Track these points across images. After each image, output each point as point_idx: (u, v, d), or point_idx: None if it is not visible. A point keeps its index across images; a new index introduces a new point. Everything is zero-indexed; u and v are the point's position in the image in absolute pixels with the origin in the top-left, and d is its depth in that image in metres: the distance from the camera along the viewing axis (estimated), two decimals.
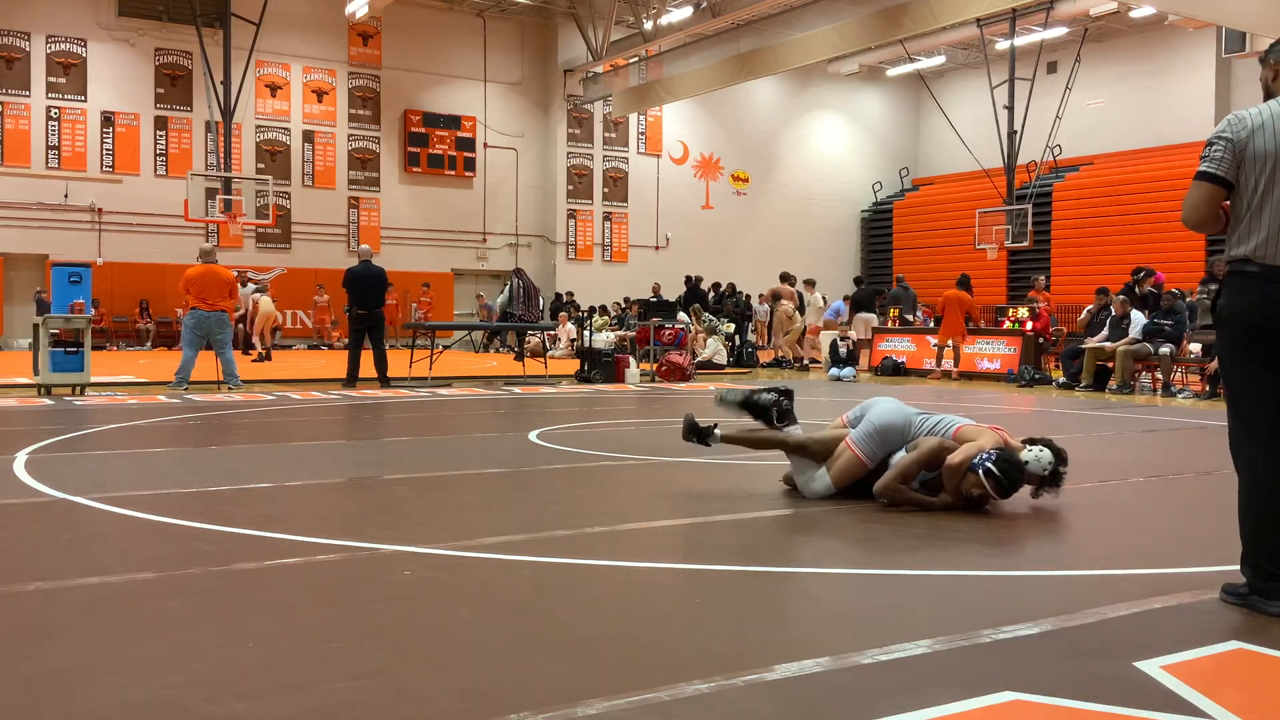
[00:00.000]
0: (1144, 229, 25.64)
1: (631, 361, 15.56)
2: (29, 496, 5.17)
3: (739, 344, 19.97)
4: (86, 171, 24.53)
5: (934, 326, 18.05)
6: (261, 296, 20.63)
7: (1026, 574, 3.85)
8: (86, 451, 6.89)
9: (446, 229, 28.90)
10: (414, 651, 2.85)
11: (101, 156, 24.75)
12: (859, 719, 2.40)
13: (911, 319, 19.76)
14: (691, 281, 23.65)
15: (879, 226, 34.48)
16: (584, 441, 7.77)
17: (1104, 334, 14.24)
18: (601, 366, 15.14)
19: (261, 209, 22.53)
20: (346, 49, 27.49)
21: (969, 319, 16.69)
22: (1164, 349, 13.37)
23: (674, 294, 24.53)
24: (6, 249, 23.88)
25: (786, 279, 19.80)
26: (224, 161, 22.25)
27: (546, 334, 20.86)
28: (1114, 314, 14.17)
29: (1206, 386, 12.96)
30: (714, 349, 18.51)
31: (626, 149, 31.05)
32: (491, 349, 25.65)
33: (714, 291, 24.64)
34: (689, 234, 31.77)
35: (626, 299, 26.43)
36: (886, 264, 32.95)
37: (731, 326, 20.18)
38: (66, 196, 24.29)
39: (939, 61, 31.15)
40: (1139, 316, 13.90)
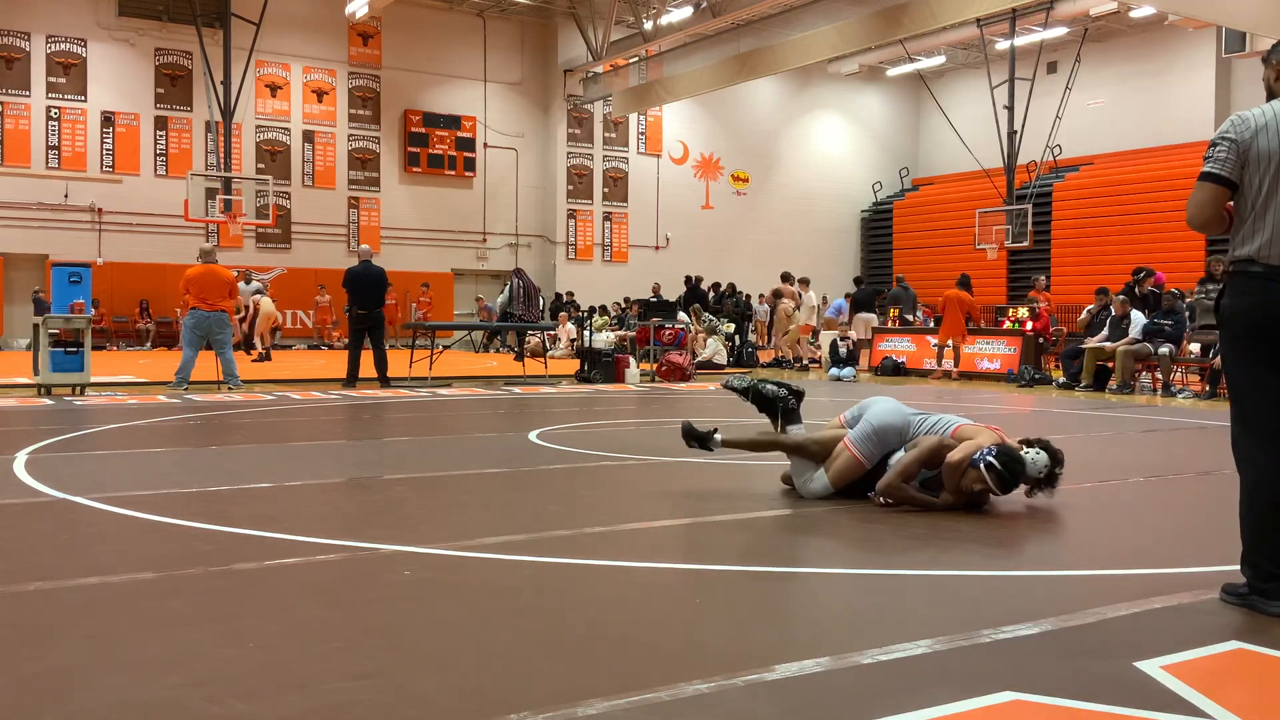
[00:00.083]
0: (1144, 229, 25.64)
1: (631, 361, 15.57)
2: (29, 496, 5.17)
3: (739, 344, 19.98)
4: (86, 171, 24.53)
5: (934, 326, 18.06)
6: (262, 297, 20.63)
7: (1026, 574, 3.85)
8: (86, 451, 6.89)
9: (446, 229, 28.90)
10: (414, 651, 2.85)
11: (101, 156, 24.75)
12: (859, 719, 2.40)
13: (911, 319, 19.77)
14: (691, 281, 23.66)
15: (879, 226, 34.48)
16: (584, 441, 7.77)
17: (1104, 334, 14.24)
18: (601, 366, 15.14)
19: (261, 209, 22.53)
20: (346, 49, 27.49)
21: (969, 319, 16.69)
22: (1164, 349, 13.37)
23: (674, 294, 24.53)
24: (6, 249, 23.88)
25: (787, 279, 19.81)
26: (224, 161, 22.24)
27: (546, 334, 20.86)
28: (1114, 314, 14.17)
29: (1206, 386, 12.96)
30: (714, 349, 18.52)
31: (626, 149, 31.04)
32: (491, 349, 25.65)
33: (714, 291, 24.64)
34: (689, 234, 31.77)
35: (626, 299, 26.42)
36: (886, 264, 32.94)
37: (731, 326, 20.19)
38: (66, 196, 24.29)
39: (939, 61, 31.15)
40: (1139, 316, 13.90)
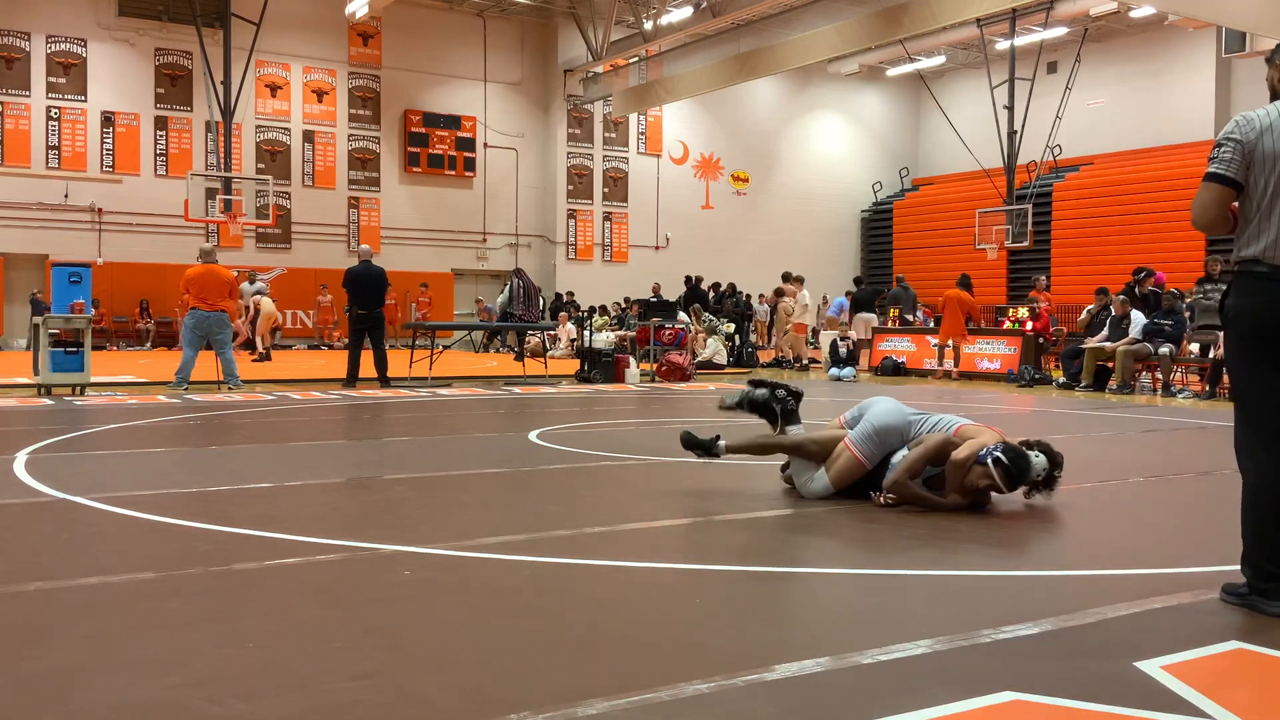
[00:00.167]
0: (1144, 229, 25.64)
1: (631, 361, 15.56)
2: (29, 496, 5.17)
3: (739, 344, 19.97)
4: (86, 171, 24.53)
5: (934, 326, 18.06)
6: (263, 297, 20.63)
7: (1026, 574, 3.85)
8: (86, 451, 6.89)
9: (446, 229, 28.90)
10: (414, 651, 2.85)
11: (101, 156, 24.75)
12: (859, 719, 2.40)
13: (911, 319, 19.76)
14: (691, 281, 23.65)
15: (879, 226, 34.47)
16: (584, 441, 7.76)
17: (1104, 334, 14.24)
18: (601, 366, 15.14)
19: (261, 209, 22.52)
20: (346, 49, 27.49)
21: (969, 319, 16.69)
22: (1164, 349, 13.37)
23: (674, 294, 24.52)
24: (6, 249, 23.88)
25: (788, 279, 19.80)
26: (224, 161, 22.24)
27: (546, 334, 20.86)
28: (1114, 314, 14.17)
29: (1206, 386, 12.96)
30: (714, 349, 18.51)
31: (626, 149, 31.04)
32: (491, 349, 25.65)
33: (714, 291, 24.64)
34: (689, 234, 31.77)
35: (626, 299, 26.42)
36: (886, 264, 32.94)
37: (731, 326, 20.18)
38: (66, 196, 24.29)
39: (939, 61, 31.14)
40: (1139, 316, 13.90)
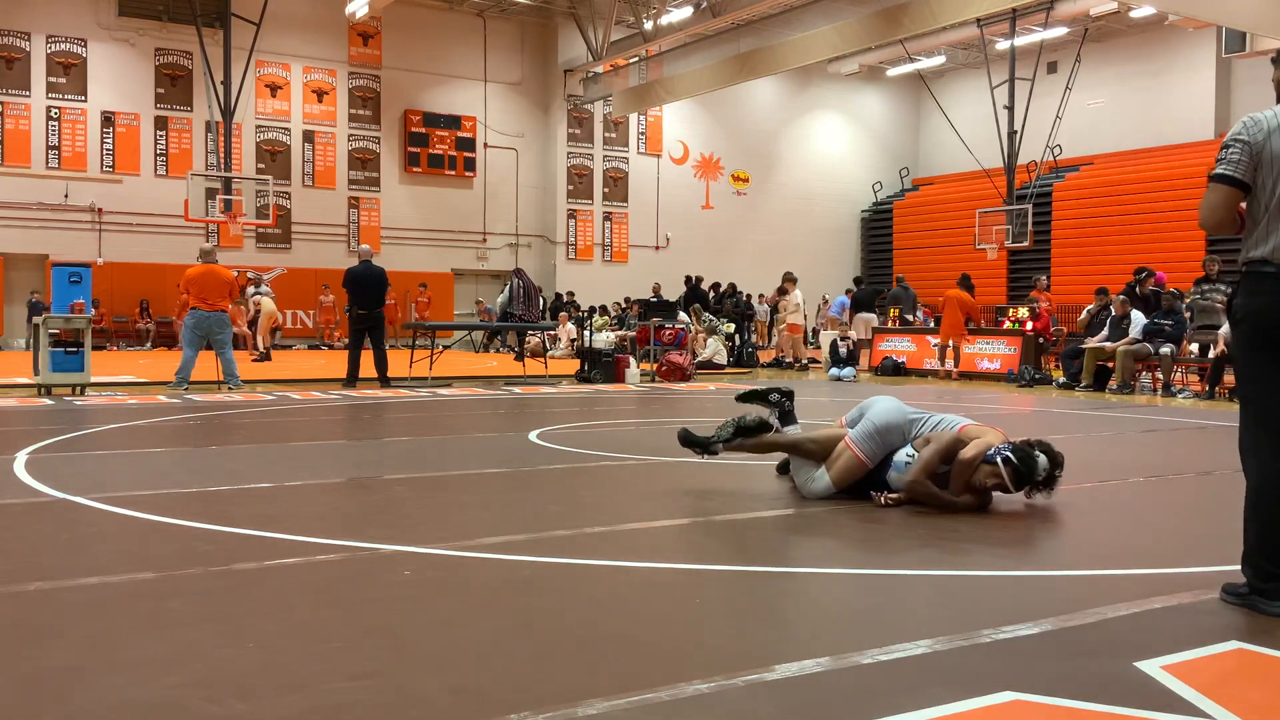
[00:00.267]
0: (1144, 229, 25.63)
1: (631, 361, 15.56)
2: (29, 496, 5.17)
3: (739, 344, 19.97)
4: (86, 171, 24.53)
5: (934, 326, 18.06)
6: (263, 297, 20.63)
7: (1026, 574, 3.85)
8: (86, 451, 6.89)
9: (446, 229, 28.90)
10: (414, 651, 2.85)
11: (101, 156, 24.75)
12: (859, 719, 2.40)
13: (911, 319, 19.76)
14: (692, 281, 23.64)
15: (879, 226, 34.47)
16: (584, 441, 7.76)
17: (1104, 334, 14.24)
18: (601, 366, 15.14)
19: (261, 209, 22.52)
20: (346, 49, 27.49)
21: (969, 320, 16.70)
22: (1164, 349, 13.37)
23: (674, 294, 24.51)
24: (6, 249, 23.88)
25: (790, 279, 19.79)
26: (224, 161, 22.24)
27: (546, 334, 20.86)
28: (1114, 314, 14.17)
29: (1206, 386, 12.96)
30: (714, 349, 18.51)
31: (626, 149, 31.04)
32: (491, 349, 25.65)
33: (714, 291, 24.63)
34: (689, 234, 31.76)
35: (627, 299, 26.42)
36: (886, 264, 32.93)
37: (731, 326, 20.17)
38: (66, 196, 24.29)
39: (939, 61, 31.14)
40: (1139, 316, 13.90)
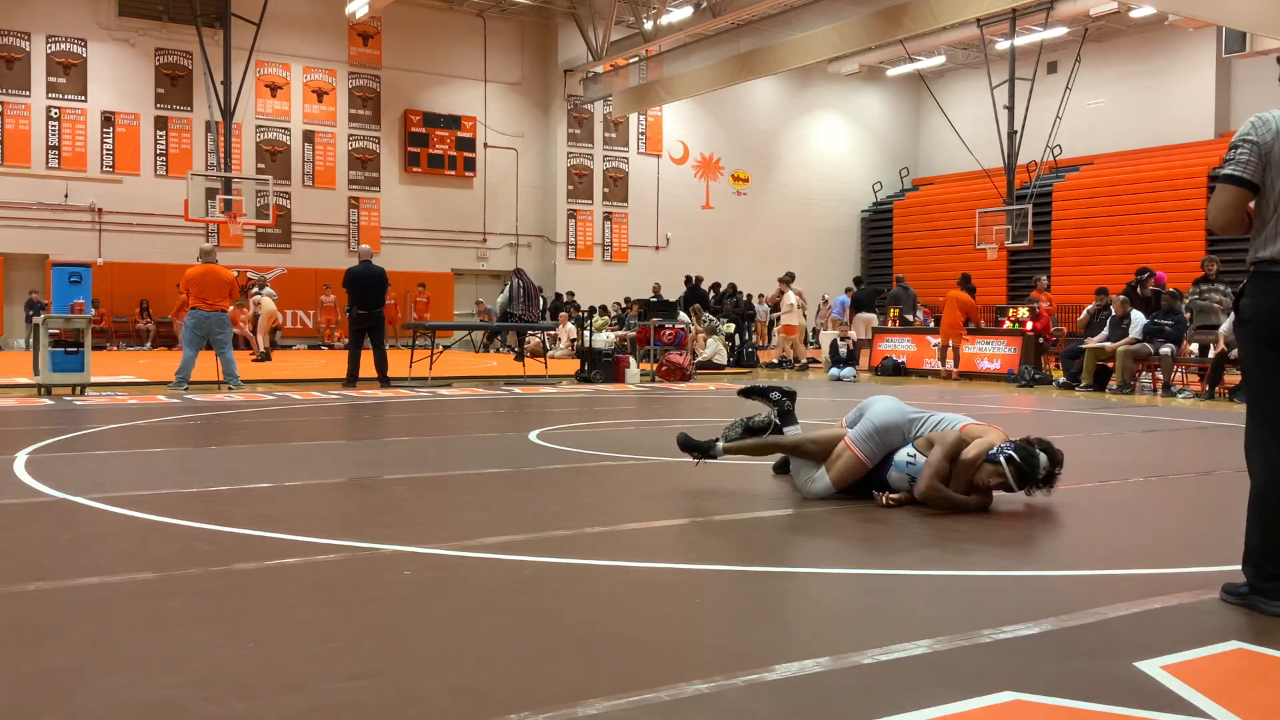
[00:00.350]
0: (1144, 229, 25.63)
1: (631, 361, 15.56)
2: (29, 496, 5.17)
3: (739, 344, 19.96)
4: (86, 171, 24.52)
5: (934, 326, 18.07)
6: (263, 296, 20.63)
7: (1026, 574, 3.85)
8: (86, 451, 6.89)
9: (446, 229, 28.89)
10: (414, 651, 2.85)
11: (101, 156, 24.75)
12: (859, 719, 2.40)
13: (911, 319, 19.76)
14: (692, 281, 23.65)
15: (879, 226, 34.47)
16: (584, 441, 7.76)
17: (1104, 334, 14.24)
18: (601, 366, 15.14)
19: (261, 209, 22.51)
20: (346, 49, 27.48)
21: (968, 320, 16.70)
22: (1164, 349, 13.37)
23: (674, 294, 24.51)
24: (6, 249, 23.88)
25: (783, 280, 19.82)
26: (224, 161, 22.23)
27: (546, 334, 20.86)
28: (1114, 314, 14.17)
29: (1206, 387, 12.96)
30: (714, 349, 18.51)
31: (626, 149, 31.03)
32: (491, 349, 25.64)
33: (714, 291, 24.64)
34: (689, 234, 31.76)
35: (627, 299, 26.41)
36: (886, 264, 32.93)
37: (731, 326, 20.17)
38: (66, 196, 24.29)
39: (939, 61, 31.13)
40: (1139, 316, 13.90)
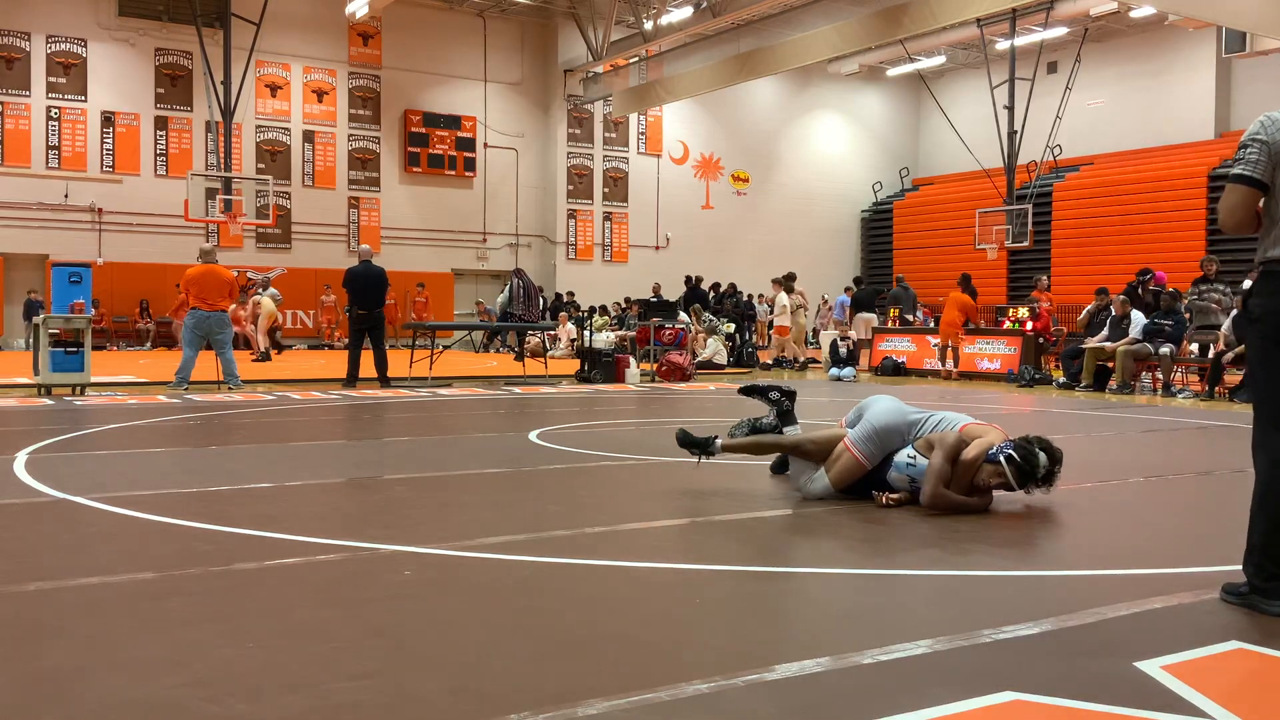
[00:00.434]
0: (1144, 229, 25.64)
1: (631, 361, 15.56)
2: (29, 496, 5.17)
3: (739, 344, 19.96)
4: (86, 171, 24.53)
5: (934, 326, 18.08)
6: (262, 296, 20.64)
7: (1026, 574, 3.85)
8: (86, 451, 6.89)
9: (446, 229, 28.89)
10: (414, 651, 2.85)
11: (101, 156, 24.75)
12: (859, 719, 2.40)
13: (911, 319, 19.76)
14: (692, 281, 23.64)
15: (879, 226, 34.47)
16: (584, 441, 7.76)
17: (1104, 334, 14.24)
18: (601, 366, 15.14)
19: (261, 209, 22.51)
20: (346, 49, 27.49)
21: (967, 320, 16.71)
22: (1164, 349, 13.37)
23: (674, 294, 24.51)
24: (6, 249, 23.88)
25: (776, 282, 19.81)
26: (224, 161, 22.23)
27: (546, 334, 20.86)
28: (1114, 314, 14.17)
29: (1206, 387, 12.96)
30: (714, 349, 18.51)
31: (626, 149, 31.03)
32: (491, 349, 25.64)
33: (714, 291, 24.63)
34: (689, 234, 31.76)
35: (627, 299, 26.41)
36: (886, 264, 32.93)
37: (731, 326, 20.17)
38: (66, 196, 24.29)
39: (939, 61, 31.13)
40: (1139, 316, 13.90)
